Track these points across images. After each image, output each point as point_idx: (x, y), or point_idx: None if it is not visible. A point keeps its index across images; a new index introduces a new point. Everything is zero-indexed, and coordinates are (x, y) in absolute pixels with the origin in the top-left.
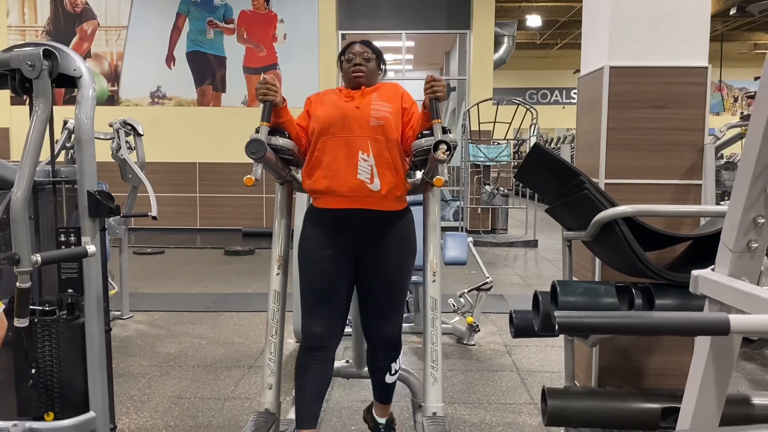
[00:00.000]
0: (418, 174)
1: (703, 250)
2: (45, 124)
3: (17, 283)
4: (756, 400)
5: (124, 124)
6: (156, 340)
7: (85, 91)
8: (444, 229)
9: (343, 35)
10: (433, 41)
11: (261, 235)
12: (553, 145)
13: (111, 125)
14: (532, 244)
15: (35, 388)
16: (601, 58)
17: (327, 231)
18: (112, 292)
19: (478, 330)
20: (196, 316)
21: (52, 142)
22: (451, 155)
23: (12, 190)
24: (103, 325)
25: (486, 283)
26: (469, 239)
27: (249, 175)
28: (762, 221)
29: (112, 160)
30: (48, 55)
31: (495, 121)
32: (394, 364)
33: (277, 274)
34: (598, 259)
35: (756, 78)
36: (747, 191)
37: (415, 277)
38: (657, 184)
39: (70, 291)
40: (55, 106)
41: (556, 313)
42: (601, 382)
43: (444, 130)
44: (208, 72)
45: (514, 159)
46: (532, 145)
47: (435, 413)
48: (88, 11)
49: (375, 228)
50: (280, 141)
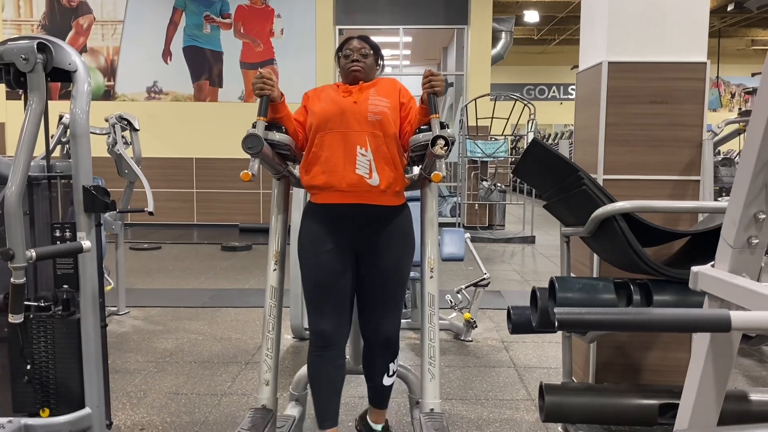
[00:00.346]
0: (416, 170)
1: (702, 246)
2: (39, 118)
3: (11, 279)
4: (753, 397)
5: (120, 119)
6: (152, 335)
7: (80, 86)
8: (441, 225)
9: (340, 30)
10: (431, 37)
11: (258, 230)
12: (550, 141)
13: (107, 120)
14: (530, 240)
15: (30, 385)
16: (599, 53)
17: (326, 226)
18: (108, 288)
19: (476, 326)
20: (192, 312)
21: (47, 137)
22: (449, 150)
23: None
24: (99, 320)
25: (483, 279)
26: (467, 235)
27: (246, 170)
28: (763, 217)
29: (109, 156)
30: (42, 48)
31: (492, 117)
32: (392, 365)
33: (274, 270)
34: (596, 255)
35: (753, 74)
36: (748, 187)
37: (412, 273)
38: (655, 179)
39: (65, 287)
40: (50, 101)
41: (556, 310)
42: (598, 379)
43: (442, 125)
44: (204, 67)
45: (511, 155)
46: (530, 141)
47: (432, 409)
48: (84, 5)
49: (374, 223)
50: (277, 136)
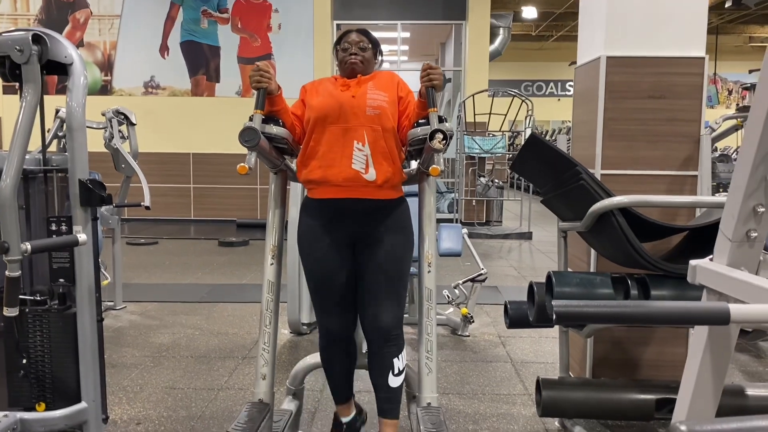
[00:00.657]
0: (414, 164)
1: (699, 241)
2: (34, 111)
3: (6, 272)
4: (750, 392)
5: (117, 113)
6: (149, 330)
7: (76, 79)
8: (439, 221)
9: (338, 25)
10: (429, 32)
11: (255, 225)
12: (548, 137)
13: (104, 114)
14: (527, 236)
15: (26, 379)
16: (597, 47)
17: (324, 221)
18: (105, 283)
19: (473, 321)
20: (189, 307)
21: (43, 130)
22: (448, 144)
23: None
24: (95, 315)
25: (480, 274)
26: (464, 231)
27: (242, 164)
28: (762, 210)
29: (105, 150)
30: (37, 39)
31: (490, 113)
32: (396, 361)
33: (271, 265)
34: (593, 250)
35: (751, 71)
36: (747, 180)
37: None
38: (653, 174)
39: (61, 281)
40: (47, 96)
41: (554, 302)
42: (595, 373)
43: (440, 119)
44: (202, 62)
45: (509, 151)
46: (527, 136)
47: (429, 404)
48: (81, 0)
49: (371, 216)
50: (274, 129)
